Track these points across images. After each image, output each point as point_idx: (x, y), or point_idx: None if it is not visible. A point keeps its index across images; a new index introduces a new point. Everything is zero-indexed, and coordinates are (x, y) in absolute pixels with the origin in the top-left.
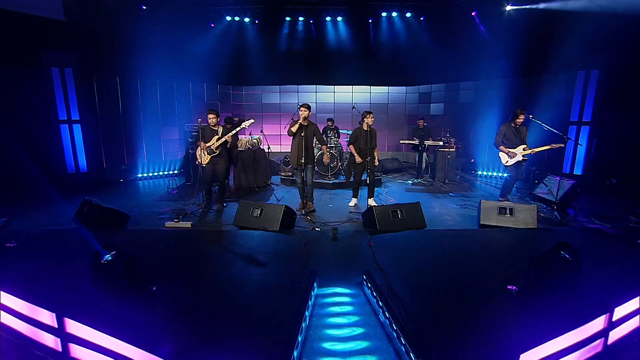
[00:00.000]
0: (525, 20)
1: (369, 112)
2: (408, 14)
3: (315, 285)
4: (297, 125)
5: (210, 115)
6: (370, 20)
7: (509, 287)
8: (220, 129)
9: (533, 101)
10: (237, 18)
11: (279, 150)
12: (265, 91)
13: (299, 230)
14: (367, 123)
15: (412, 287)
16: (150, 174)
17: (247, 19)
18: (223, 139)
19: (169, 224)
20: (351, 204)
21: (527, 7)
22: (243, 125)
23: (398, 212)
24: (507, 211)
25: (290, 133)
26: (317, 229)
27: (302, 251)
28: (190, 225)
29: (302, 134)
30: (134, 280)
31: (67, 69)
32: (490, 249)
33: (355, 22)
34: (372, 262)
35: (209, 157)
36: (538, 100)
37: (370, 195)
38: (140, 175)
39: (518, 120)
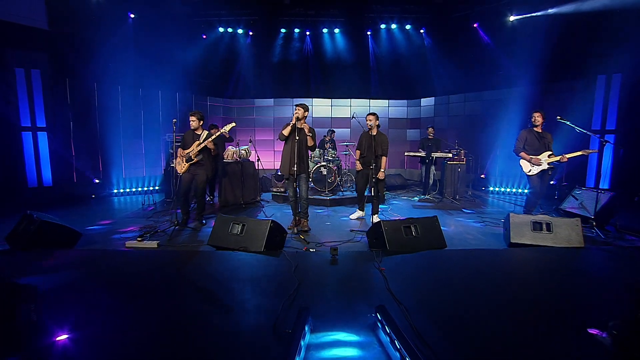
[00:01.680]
0: (532, 28)
1: (371, 114)
2: (408, 26)
3: (307, 329)
4: (289, 128)
5: (191, 118)
6: (368, 32)
7: (590, 330)
8: (204, 134)
9: (547, 110)
10: (230, 29)
11: (272, 167)
12: (259, 104)
13: (288, 252)
14: (369, 126)
15: (442, 326)
16: (128, 190)
17: (240, 31)
18: (203, 144)
19: (130, 243)
20: (353, 216)
21: (534, 14)
22: (222, 130)
23: (412, 228)
24: (544, 227)
25: (282, 137)
26: (311, 249)
27: (291, 278)
28: (156, 245)
29: (296, 138)
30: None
31: (35, 71)
32: (532, 274)
33: (353, 34)
34: (384, 292)
35: (187, 165)
36: (553, 108)
37: (374, 211)
38: (116, 190)
39: (535, 121)
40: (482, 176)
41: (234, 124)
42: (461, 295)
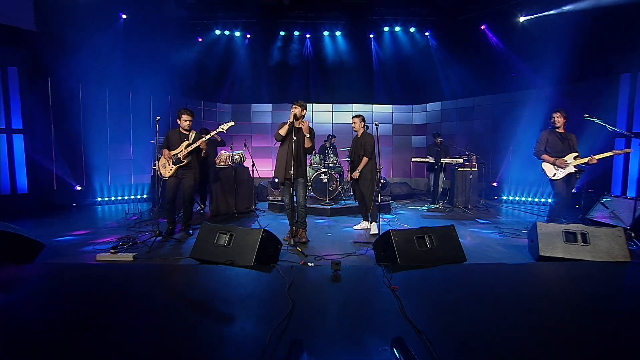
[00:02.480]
0: (545, 28)
1: (356, 117)
2: (412, 29)
3: None
4: (286, 127)
5: (185, 117)
6: (371, 35)
7: None
8: (193, 135)
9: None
10: (227, 32)
11: (270, 176)
12: (256, 109)
13: (283, 266)
14: (354, 125)
15: None
16: (113, 198)
17: (237, 33)
18: (195, 145)
19: (101, 256)
20: (357, 226)
21: (546, 13)
22: (221, 128)
23: (426, 239)
24: (579, 237)
25: (278, 138)
26: (309, 264)
27: (284, 298)
28: (132, 259)
29: (293, 139)
30: None
31: (11, 68)
32: (570, 293)
33: (355, 36)
34: (398, 317)
35: (174, 167)
36: (573, 110)
37: (367, 217)
38: (100, 199)
39: (556, 122)
40: (494, 184)
41: (232, 123)
42: (490, 319)
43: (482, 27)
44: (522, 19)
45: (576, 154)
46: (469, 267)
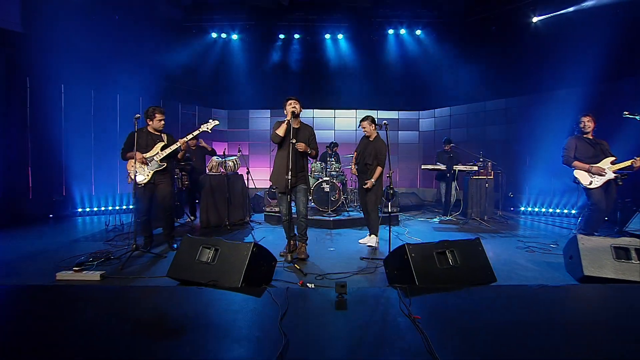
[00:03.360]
0: (563, 27)
1: (364, 119)
2: (418, 31)
3: None
4: (284, 126)
5: (160, 116)
6: (375, 38)
7: None
8: (165, 136)
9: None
10: (223, 35)
11: (268, 186)
12: (254, 115)
13: (277, 288)
14: (364, 130)
15: None
16: (97, 209)
17: (235, 36)
18: (175, 145)
19: (63, 274)
20: (364, 240)
21: (561, 12)
22: (204, 127)
23: (448, 254)
24: (633, 254)
25: (276, 139)
26: (309, 284)
27: (275, 332)
28: (99, 278)
29: (292, 140)
30: None
31: None
32: (633, 324)
33: (358, 40)
34: (424, 358)
35: (151, 172)
36: (598, 113)
37: (371, 230)
38: (81, 209)
39: (586, 127)
40: (511, 195)
41: (217, 122)
42: (538, 357)
43: (493, 28)
44: (535, 19)
45: (613, 158)
46: (502, 289)
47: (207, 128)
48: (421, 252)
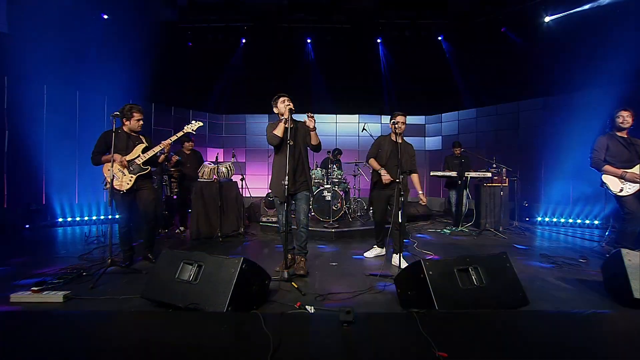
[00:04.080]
0: (579, 26)
1: (402, 114)
2: (424, 33)
3: None
4: (282, 126)
5: (138, 115)
6: (379, 40)
7: None
8: (143, 138)
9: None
10: (220, 36)
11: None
12: (251, 120)
13: (270, 312)
14: (394, 128)
15: None
16: (79, 219)
17: (232, 38)
18: (159, 147)
19: (18, 296)
20: (369, 254)
21: (575, 10)
22: (188, 128)
23: (471, 272)
24: None
25: (273, 140)
26: (308, 307)
27: None
28: (62, 299)
29: (289, 142)
30: None
31: None
32: None
33: (361, 42)
34: None
35: (134, 177)
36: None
37: (397, 249)
38: (61, 219)
39: (624, 123)
40: (525, 204)
41: (200, 124)
42: None
43: (502, 29)
44: (547, 18)
45: None
46: (539, 315)
47: (191, 129)
48: (440, 270)
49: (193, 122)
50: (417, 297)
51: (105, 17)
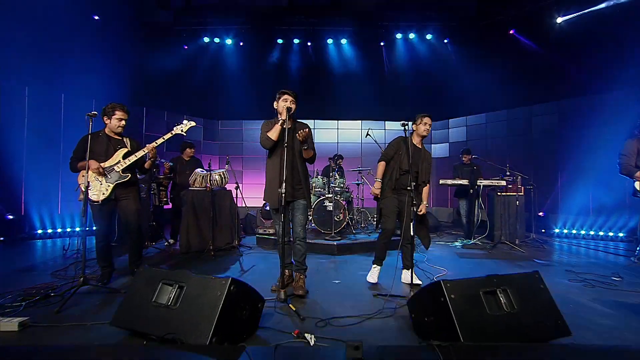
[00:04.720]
0: (594, 27)
1: (426, 115)
2: (429, 36)
3: None
4: (278, 127)
5: (120, 114)
6: (382, 43)
7: None
8: (128, 141)
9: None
10: (216, 40)
11: (262, 204)
12: (248, 126)
13: (263, 345)
14: (422, 130)
15: None
16: (60, 230)
17: (229, 41)
18: (142, 152)
19: None
20: (372, 278)
21: (590, 9)
22: (177, 130)
23: (499, 295)
24: None
25: (267, 143)
26: (307, 336)
27: None
28: (16, 328)
29: (286, 144)
30: None
31: None
32: None
33: (363, 45)
34: None
35: (111, 186)
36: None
37: (407, 264)
38: (41, 231)
39: None
40: (541, 214)
41: (193, 123)
42: None
43: (511, 31)
44: (559, 19)
45: None
46: (586, 351)
47: (182, 130)
48: (463, 292)
49: (184, 122)
50: (436, 324)
51: (96, 17)
